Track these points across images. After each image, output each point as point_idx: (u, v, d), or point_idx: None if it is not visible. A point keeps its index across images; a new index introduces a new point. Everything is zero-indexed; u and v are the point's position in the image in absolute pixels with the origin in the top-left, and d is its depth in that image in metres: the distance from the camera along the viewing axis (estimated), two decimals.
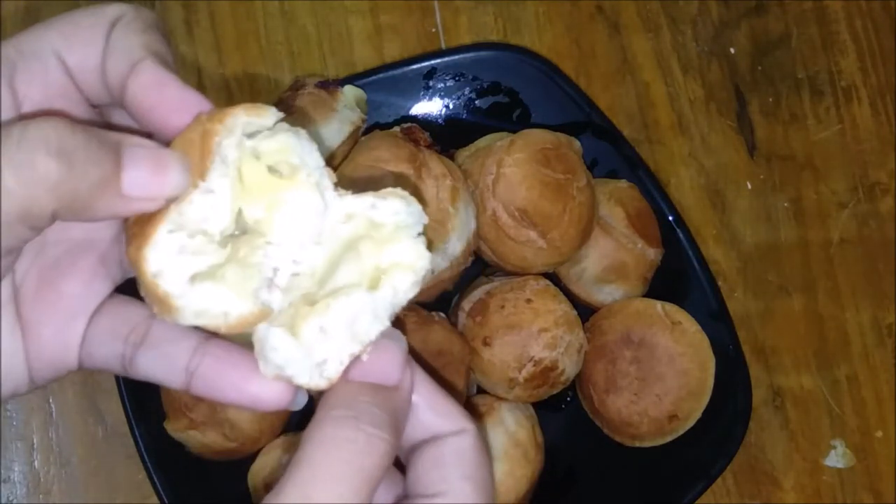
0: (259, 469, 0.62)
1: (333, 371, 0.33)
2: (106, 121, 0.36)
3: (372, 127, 0.67)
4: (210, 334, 0.34)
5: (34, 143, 0.28)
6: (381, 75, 0.68)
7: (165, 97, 0.32)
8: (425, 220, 0.34)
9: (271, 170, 0.33)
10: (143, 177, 0.31)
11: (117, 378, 0.62)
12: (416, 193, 0.60)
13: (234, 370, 0.34)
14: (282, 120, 0.33)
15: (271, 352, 0.33)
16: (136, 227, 0.32)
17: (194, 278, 0.32)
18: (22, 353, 0.34)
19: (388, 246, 0.34)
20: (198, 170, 0.32)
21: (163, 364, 0.34)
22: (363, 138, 0.64)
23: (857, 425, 0.74)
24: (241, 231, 0.33)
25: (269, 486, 0.61)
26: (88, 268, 0.35)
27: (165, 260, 0.31)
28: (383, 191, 0.34)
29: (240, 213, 0.33)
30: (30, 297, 0.35)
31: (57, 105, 0.33)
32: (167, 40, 0.33)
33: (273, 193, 0.33)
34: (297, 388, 0.34)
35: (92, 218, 0.31)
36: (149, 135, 0.33)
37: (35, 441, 0.68)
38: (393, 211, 0.34)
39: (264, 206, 0.33)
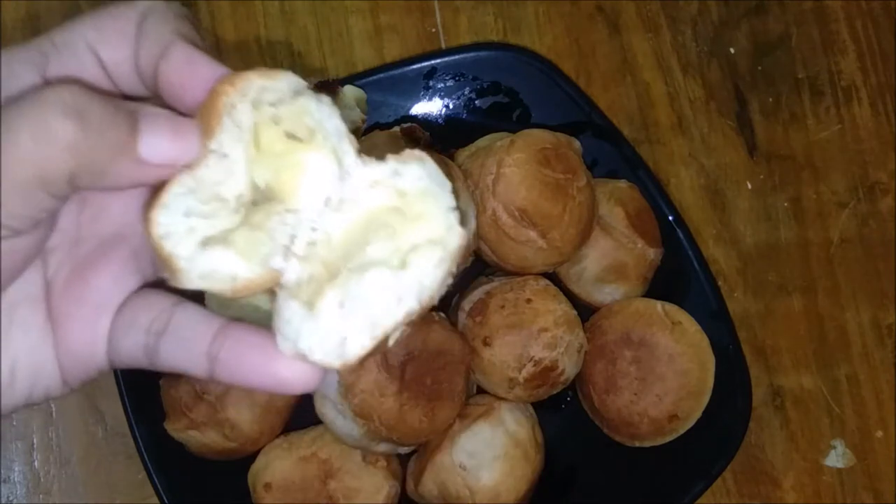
0: (259, 469, 0.62)
1: (352, 353, 0.32)
2: None
3: (372, 127, 0.67)
4: (231, 318, 0.34)
5: (49, 105, 0.29)
6: (381, 75, 0.68)
7: (196, 75, 0.32)
8: (448, 185, 0.33)
9: (290, 135, 0.32)
10: (161, 142, 0.31)
11: (117, 378, 0.62)
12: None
13: (255, 351, 0.33)
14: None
15: (285, 324, 0.32)
16: (153, 194, 0.32)
17: (205, 242, 0.31)
18: (52, 350, 0.34)
19: (420, 222, 0.32)
20: (207, 131, 0.31)
21: (184, 351, 0.34)
22: (363, 139, 0.64)
23: (857, 425, 0.74)
24: (261, 199, 0.33)
25: (268, 486, 0.61)
26: (119, 261, 0.35)
27: (172, 222, 0.31)
28: (404, 154, 0.33)
29: (259, 180, 0.32)
30: (59, 292, 0.34)
31: None
32: (199, 30, 0.34)
33: (288, 157, 0.32)
34: (323, 368, 0.32)
35: (110, 184, 0.31)
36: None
37: (35, 441, 0.68)
38: (415, 176, 0.32)
39: (279, 171, 0.32)
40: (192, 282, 0.31)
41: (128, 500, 0.68)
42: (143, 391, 0.63)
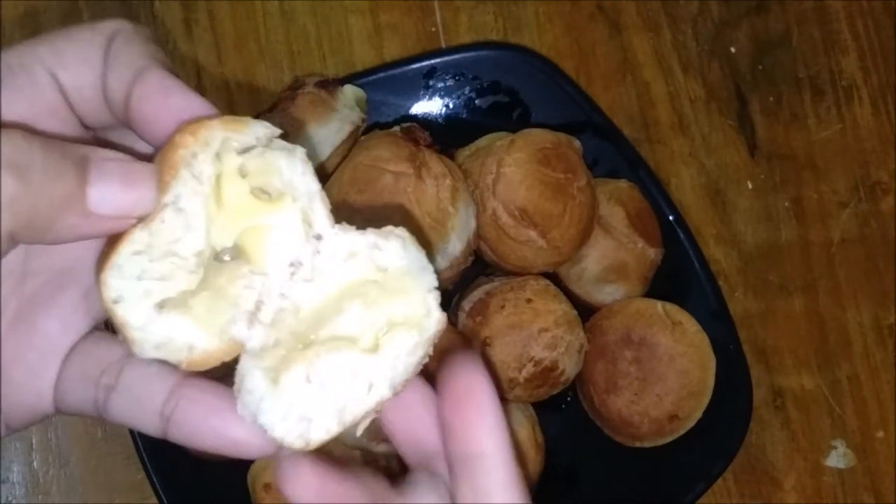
0: (259, 469, 0.62)
1: (316, 436, 0.30)
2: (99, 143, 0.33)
3: (372, 127, 0.67)
4: (188, 373, 0.31)
5: None
6: (381, 75, 0.68)
7: (169, 105, 0.29)
8: (430, 267, 0.30)
9: (258, 191, 0.30)
10: (112, 192, 0.28)
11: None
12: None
13: (212, 414, 0.30)
14: (280, 135, 0.30)
15: (246, 393, 0.30)
16: (107, 247, 0.30)
17: (161, 305, 0.29)
18: None
19: (398, 297, 0.30)
20: (163, 182, 0.29)
21: (136, 409, 0.31)
22: (363, 138, 0.64)
23: (858, 425, 0.74)
24: (228, 257, 0.30)
25: (268, 486, 0.61)
26: (69, 303, 0.32)
27: (125, 286, 0.29)
28: (385, 228, 0.31)
29: (220, 239, 0.30)
30: (4, 335, 0.32)
31: (45, 124, 0.30)
32: (167, 53, 0.31)
33: (254, 217, 0.30)
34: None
35: (56, 239, 0.28)
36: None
37: (34, 441, 0.68)
38: (396, 254, 0.30)
39: (243, 231, 0.30)
40: (146, 352, 0.30)
41: (127, 500, 0.68)
42: None
